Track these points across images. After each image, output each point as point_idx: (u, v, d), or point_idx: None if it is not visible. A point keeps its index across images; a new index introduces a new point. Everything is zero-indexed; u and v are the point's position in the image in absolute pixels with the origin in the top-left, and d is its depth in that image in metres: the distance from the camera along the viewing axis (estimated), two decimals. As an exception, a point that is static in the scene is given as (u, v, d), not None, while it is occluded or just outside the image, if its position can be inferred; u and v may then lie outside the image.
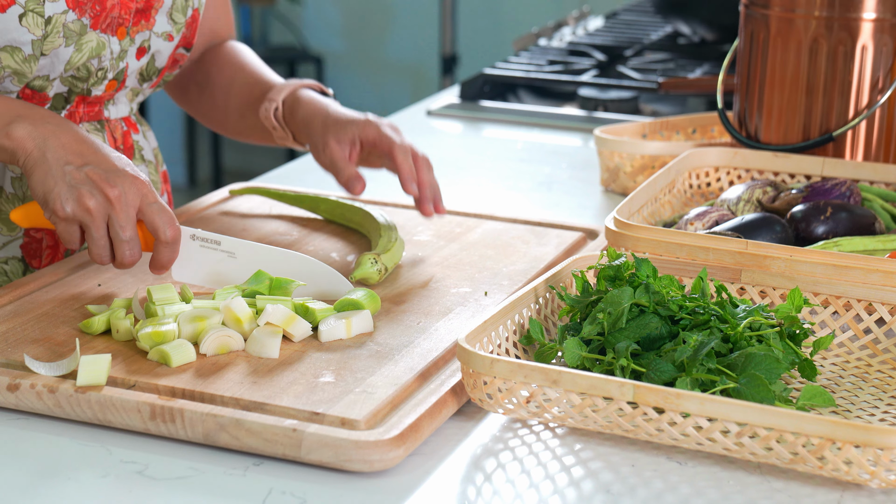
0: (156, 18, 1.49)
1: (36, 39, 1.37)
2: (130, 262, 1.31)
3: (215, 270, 1.38)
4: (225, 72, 1.65)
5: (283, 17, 5.73)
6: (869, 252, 1.40)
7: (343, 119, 1.50)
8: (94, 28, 1.42)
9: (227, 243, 1.38)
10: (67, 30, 1.39)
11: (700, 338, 1.15)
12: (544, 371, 1.09)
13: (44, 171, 1.30)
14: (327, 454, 1.06)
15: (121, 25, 1.45)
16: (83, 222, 1.29)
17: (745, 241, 1.32)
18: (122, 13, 1.45)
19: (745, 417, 1.03)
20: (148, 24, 1.48)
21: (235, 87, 1.64)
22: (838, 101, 1.66)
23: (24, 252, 1.47)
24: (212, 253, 1.38)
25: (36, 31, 1.37)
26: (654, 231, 1.35)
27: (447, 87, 4.44)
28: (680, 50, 2.74)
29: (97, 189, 1.29)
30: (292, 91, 1.56)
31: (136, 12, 1.46)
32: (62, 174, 1.29)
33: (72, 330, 1.27)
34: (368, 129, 1.49)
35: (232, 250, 1.38)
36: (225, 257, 1.38)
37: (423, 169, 1.48)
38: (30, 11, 1.35)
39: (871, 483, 1.04)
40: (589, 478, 1.07)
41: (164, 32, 1.50)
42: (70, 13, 1.39)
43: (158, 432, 1.11)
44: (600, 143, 1.85)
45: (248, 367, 1.19)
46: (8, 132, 1.32)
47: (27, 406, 1.15)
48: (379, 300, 1.32)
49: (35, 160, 1.30)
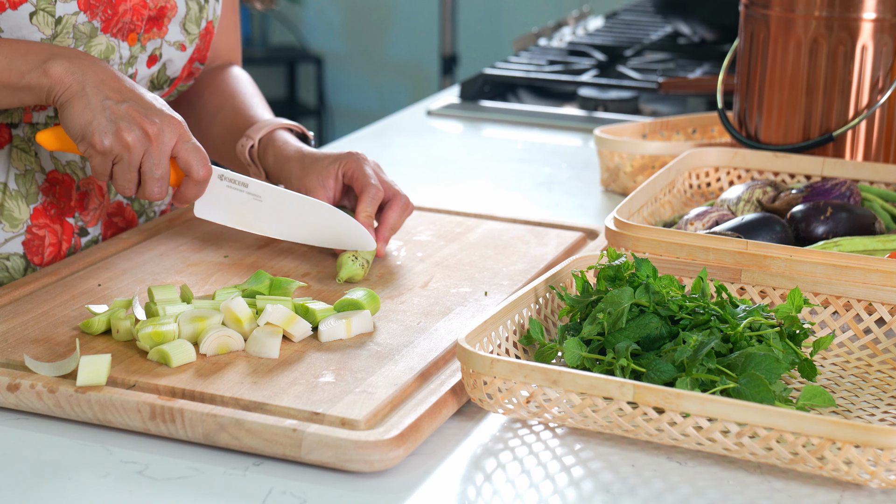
0: (168, 27, 1.49)
1: (45, 38, 1.37)
2: (158, 198, 1.35)
3: (238, 211, 1.42)
4: (216, 97, 1.64)
5: (283, 17, 5.73)
6: (869, 252, 1.40)
7: (322, 158, 1.48)
8: (104, 31, 1.42)
9: (255, 186, 1.43)
10: (77, 31, 1.39)
11: (700, 338, 1.15)
12: (544, 371, 1.09)
13: (82, 104, 1.31)
14: (327, 454, 1.06)
15: (132, 31, 1.45)
16: (118, 156, 1.32)
17: (745, 241, 1.32)
18: (135, 19, 1.45)
19: (745, 417, 1.03)
20: (160, 33, 1.48)
21: (221, 114, 1.62)
22: (838, 101, 1.66)
23: (25, 249, 1.47)
24: (237, 194, 1.42)
25: (46, 30, 1.37)
26: (654, 231, 1.35)
27: (447, 87, 4.44)
28: (680, 50, 2.74)
29: (136, 125, 1.31)
30: (270, 131, 1.54)
31: (148, 19, 1.46)
32: (101, 108, 1.31)
33: (72, 330, 1.27)
34: (350, 163, 1.46)
35: (258, 193, 1.43)
36: (250, 199, 1.42)
37: (395, 209, 1.46)
38: (41, 10, 1.36)
39: (871, 483, 1.04)
40: (589, 478, 1.07)
41: (177, 42, 1.50)
42: (81, 15, 1.39)
43: (158, 432, 1.12)
44: (600, 143, 1.85)
45: (248, 367, 1.19)
46: (45, 69, 1.32)
47: (27, 406, 1.15)
48: (379, 300, 1.32)
49: (73, 93, 1.31)
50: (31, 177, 1.47)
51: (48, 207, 1.48)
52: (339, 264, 1.40)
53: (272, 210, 1.43)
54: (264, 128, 1.54)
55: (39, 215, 1.48)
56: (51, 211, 1.48)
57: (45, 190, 1.48)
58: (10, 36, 1.36)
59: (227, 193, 1.42)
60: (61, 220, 1.50)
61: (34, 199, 1.47)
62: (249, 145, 1.54)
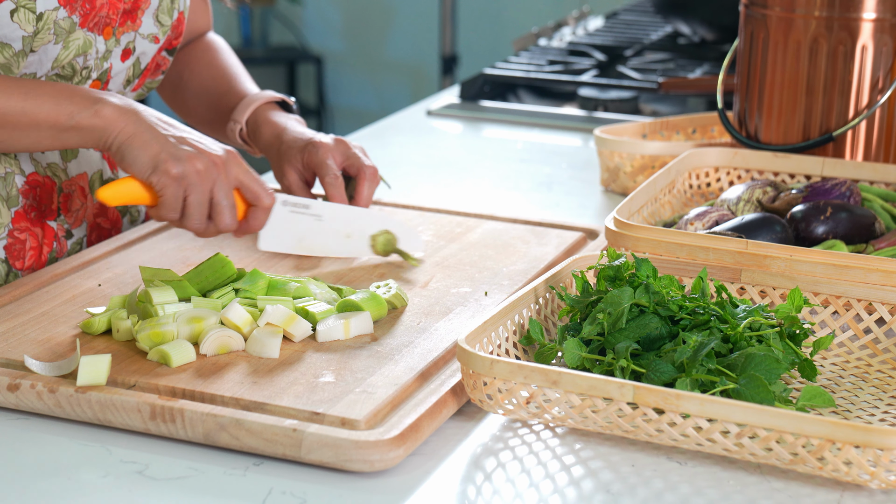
0: (142, 20, 1.49)
1: (27, 36, 1.37)
2: (229, 229, 1.36)
3: (301, 236, 1.44)
4: (195, 76, 1.66)
5: (283, 17, 5.73)
6: None
7: (292, 146, 1.52)
8: (82, 26, 1.42)
9: (316, 207, 1.45)
10: (58, 27, 1.39)
11: (699, 338, 1.15)
12: (544, 372, 1.09)
13: (144, 140, 1.32)
14: (327, 454, 1.06)
15: (107, 25, 1.45)
16: (191, 185, 1.32)
17: (745, 240, 1.32)
18: (110, 13, 1.44)
19: (745, 418, 1.03)
20: (134, 26, 1.48)
21: (205, 97, 1.65)
22: (838, 101, 1.66)
23: (7, 253, 1.45)
24: (300, 217, 1.44)
25: (27, 27, 1.36)
26: (654, 231, 1.35)
27: (447, 87, 4.44)
28: (680, 50, 2.74)
29: (202, 153, 1.33)
30: (254, 111, 1.57)
31: (123, 13, 1.46)
32: (164, 139, 1.32)
33: (72, 330, 1.27)
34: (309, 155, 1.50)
35: (320, 213, 1.45)
36: (312, 220, 1.45)
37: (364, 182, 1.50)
38: (21, 7, 1.35)
39: (871, 484, 1.04)
40: (589, 477, 1.07)
41: (150, 34, 1.51)
42: (61, 10, 1.38)
43: (158, 432, 1.12)
44: (600, 143, 1.85)
45: (248, 367, 1.19)
46: (97, 110, 1.33)
47: (27, 406, 1.15)
48: (385, 305, 1.32)
49: (130, 133, 1.32)
50: (10, 179, 1.45)
51: (28, 211, 1.47)
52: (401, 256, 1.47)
53: (332, 227, 1.46)
54: (248, 107, 1.58)
55: (21, 219, 1.46)
56: (31, 214, 1.47)
57: (25, 193, 1.46)
58: None
59: (289, 218, 1.44)
60: (42, 224, 1.48)
61: (15, 203, 1.45)
62: (238, 129, 1.58)
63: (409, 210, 1.66)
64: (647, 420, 1.08)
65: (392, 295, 1.33)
